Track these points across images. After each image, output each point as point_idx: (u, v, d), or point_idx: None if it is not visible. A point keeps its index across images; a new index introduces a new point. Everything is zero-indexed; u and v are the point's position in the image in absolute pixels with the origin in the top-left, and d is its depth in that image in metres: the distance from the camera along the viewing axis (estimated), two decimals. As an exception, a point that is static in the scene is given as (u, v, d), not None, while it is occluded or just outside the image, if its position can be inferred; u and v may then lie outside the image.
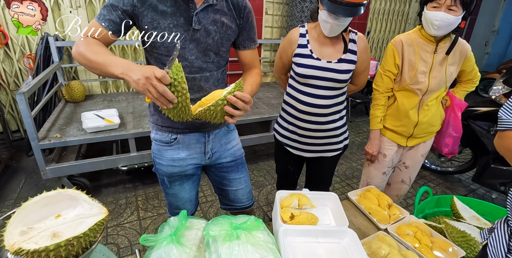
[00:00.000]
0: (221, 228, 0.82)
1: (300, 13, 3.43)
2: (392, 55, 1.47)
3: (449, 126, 1.60)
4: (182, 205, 1.25)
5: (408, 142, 1.60)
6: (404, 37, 1.46)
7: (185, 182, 1.20)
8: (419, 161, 1.68)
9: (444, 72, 1.42)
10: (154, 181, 2.55)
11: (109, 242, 1.88)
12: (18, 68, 2.86)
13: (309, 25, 1.39)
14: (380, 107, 1.56)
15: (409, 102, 1.49)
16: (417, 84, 1.44)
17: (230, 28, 1.02)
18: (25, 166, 2.69)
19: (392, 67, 1.48)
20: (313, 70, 1.33)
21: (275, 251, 0.81)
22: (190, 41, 0.97)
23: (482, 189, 2.68)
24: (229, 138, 1.22)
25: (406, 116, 1.51)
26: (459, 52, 1.41)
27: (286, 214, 0.97)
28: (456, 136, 1.62)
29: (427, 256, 1.00)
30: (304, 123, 1.43)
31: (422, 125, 1.52)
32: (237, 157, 1.24)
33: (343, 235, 0.94)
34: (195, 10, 0.94)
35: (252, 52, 1.15)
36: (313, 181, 1.68)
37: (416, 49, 1.42)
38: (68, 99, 2.76)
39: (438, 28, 1.29)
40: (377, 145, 1.61)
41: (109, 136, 2.12)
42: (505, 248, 0.66)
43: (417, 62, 1.42)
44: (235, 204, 1.32)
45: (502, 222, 0.71)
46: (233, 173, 1.25)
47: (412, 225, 1.16)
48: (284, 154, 1.58)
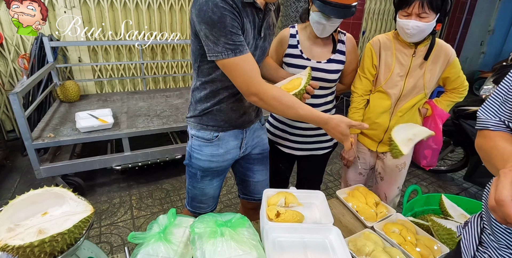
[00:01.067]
0: (206, 225, 0.84)
1: (295, 13, 3.45)
2: (370, 55, 1.42)
3: (429, 137, 1.47)
4: (206, 200, 1.29)
5: (379, 147, 1.52)
6: (382, 37, 1.41)
7: (215, 178, 1.24)
8: (394, 175, 1.55)
9: (422, 77, 1.35)
10: (148, 180, 2.56)
11: (102, 240, 1.89)
12: (13, 68, 2.87)
13: (299, 26, 1.41)
14: (358, 110, 1.50)
15: (381, 105, 1.43)
16: (392, 88, 1.39)
17: (275, 26, 1.08)
18: (19, 166, 2.69)
19: (370, 67, 1.43)
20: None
21: (259, 248, 0.83)
22: (255, 49, 1.02)
23: (474, 188, 2.70)
24: (260, 131, 1.29)
25: (376, 120, 1.45)
26: (442, 57, 1.33)
27: (272, 212, 0.99)
28: (436, 148, 1.53)
29: (411, 253, 1.02)
30: (295, 121, 1.46)
31: None
32: (265, 150, 1.33)
33: (328, 232, 0.96)
34: (261, 20, 0.98)
35: None
36: (304, 179, 1.70)
37: (393, 51, 1.37)
38: (63, 99, 2.77)
39: (411, 35, 1.25)
40: (353, 151, 1.57)
41: (102, 135, 2.13)
42: (476, 241, 0.69)
43: (394, 64, 1.37)
44: (254, 195, 1.39)
45: (476, 216, 0.73)
46: (258, 165, 1.32)
47: (398, 223, 1.18)
48: (275, 153, 1.60)
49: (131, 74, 3.43)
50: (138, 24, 3.23)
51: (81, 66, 3.11)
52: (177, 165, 2.76)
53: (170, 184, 2.53)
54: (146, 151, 2.29)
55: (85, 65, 3.10)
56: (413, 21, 1.21)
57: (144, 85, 3.42)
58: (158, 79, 3.63)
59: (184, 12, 3.41)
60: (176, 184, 2.53)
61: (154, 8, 3.22)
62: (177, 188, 2.49)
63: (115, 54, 3.24)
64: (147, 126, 2.29)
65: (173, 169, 2.72)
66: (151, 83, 3.60)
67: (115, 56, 3.24)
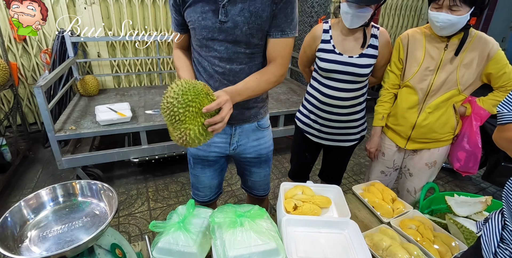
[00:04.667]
0: (226, 215, 0.86)
1: (310, 8, 3.42)
2: (397, 49, 1.41)
3: (464, 137, 1.41)
4: (202, 189, 1.33)
5: (408, 144, 1.47)
6: (412, 31, 1.38)
7: (206, 167, 1.27)
8: (423, 171, 1.51)
9: (455, 72, 1.27)
10: (164, 173, 2.62)
11: (120, 230, 1.96)
12: (36, 63, 2.97)
13: (332, 21, 1.44)
14: (383, 103, 1.50)
15: (408, 100, 1.39)
16: (419, 82, 1.34)
17: (261, 17, 0.95)
18: (41, 157, 2.80)
19: (397, 61, 1.42)
20: (335, 65, 1.39)
21: (277, 239, 0.84)
22: (218, 33, 0.98)
23: (492, 188, 2.64)
24: (258, 135, 1.23)
25: (403, 115, 1.42)
26: (479, 51, 1.24)
27: (290, 205, 1.00)
28: (470, 150, 1.39)
29: (429, 249, 1.01)
30: (325, 113, 1.51)
31: (420, 128, 1.40)
32: (262, 155, 1.26)
33: (345, 226, 0.97)
34: (222, 2, 0.93)
35: (276, 42, 1.01)
36: (328, 169, 1.75)
37: (424, 43, 1.33)
38: (83, 93, 2.84)
39: (441, 28, 1.22)
40: (375, 142, 1.56)
41: (121, 129, 2.18)
42: (497, 237, 0.68)
43: (423, 58, 1.33)
44: (252, 191, 1.43)
45: (497, 213, 0.72)
46: (255, 168, 1.31)
47: (415, 220, 1.18)
48: (303, 141, 1.65)
49: (147, 69, 3.48)
50: (155, 19, 3.28)
51: (100, 61, 3.19)
52: (191, 159, 2.80)
53: (185, 178, 2.58)
54: (163, 145, 2.34)
55: (104, 60, 3.17)
56: (444, 14, 1.17)
57: (161, 79, 3.47)
58: (174, 74, 3.68)
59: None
60: (191, 178, 2.58)
61: (171, 3, 3.26)
62: (191, 181, 2.53)
63: (132, 49, 3.30)
64: (164, 120, 2.33)
65: (188, 163, 2.77)
66: (167, 78, 3.65)
67: (132, 51, 3.30)
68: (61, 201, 0.82)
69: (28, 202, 0.77)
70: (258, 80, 1.00)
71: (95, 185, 0.83)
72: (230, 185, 2.51)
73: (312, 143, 1.63)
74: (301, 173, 1.77)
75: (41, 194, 0.79)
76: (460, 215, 1.32)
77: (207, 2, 0.95)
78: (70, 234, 0.72)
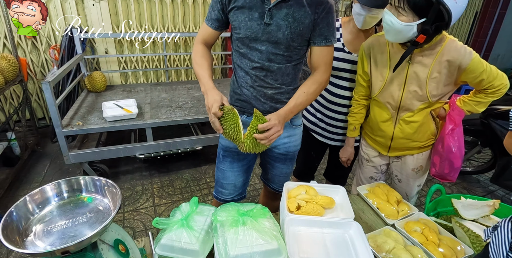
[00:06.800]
0: (228, 214, 0.86)
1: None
2: (361, 59, 1.29)
3: (439, 142, 1.30)
4: (226, 185, 1.35)
5: (390, 152, 1.40)
6: (376, 39, 1.23)
7: (235, 162, 1.29)
8: (411, 176, 1.43)
9: (425, 87, 1.15)
10: (169, 170, 2.63)
11: (125, 226, 1.98)
12: (44, 58, 3.00)
13: (343, 19, 1.43)
14: (354, 114, 1.40)
15: (380, 115, 1.31)
16: (388, 98, 1.24)
17: (303, 24, 1.03)
18: (49, 152, 2.84)
19: (362, 74, 1.30)
20: (344, 63, 1.38)
21: (279, 239, 0.84)
22: (262, 34, 1.04)
23: (501, 191, 2.60)
24: (290, 132, 1.25)
25: (379, 128, 1.34)
26: (449, 62, 1.11)
27: (293, 204, 1.00)
28: (444, 155, 1.28)
29: (433, 252, 1.00)
30: (332, 112, 1.50)
31: (399, 139, 1.32)
32: (289, 152, 1.30)
33: (348, 227, 0.96)
34: (268, 5, 1.01)
35: (321, 50, 1.09)
36: (333, 169, 1.74)
37: (388, 56, 1.20)
38: (90, 89, 2.87)
39: (386, 31, 1.07)
40: (348, 152, 1.50)
41: (127, 125, 2.20)
42: (507, 246, 0.66)
43: (388, 72, 1.21)
44: (270, 184, 1.45)
45: (506, 221, 0.71)
46: (279, 163, 1.33)
47: (420, 222, 1.16)
48: (308, 139, 1.64)
49: (154, 66, 3.50)
50: (162, 16, 3.28)
51: (107, 58, 3.21)
52: (197, 156, 2.82)
53: (190, 175, 2.59)
54: (168, 141, 2.35)
55: (111, 56, 3.20)
56: (390, 13, 1.02)
57: (167, 77, 3.49)
58: (180, 71, 3.69)
59: (207, 5, 3.42)
60: (196, 175, 2.59)
61: (178, 1, 3.26)
62: (197, 178, 2.54)
63: (140, 46, 3.32)
64: (169, 117, 2.34)
65: (194, 159, 2.78)
66: (174, 75, 3.66)
67: (139, 48, 3.31)
68: (66, 197, 0.83)
69: (34, 197, 0.78)
70: (306, 94, 1.10)
71: (99, 181, 0.84)
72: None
73: (317, 142, 1.62)
74: (307, 172, 1.77)
75: (46, 189, 0.80)
76: (467, 218, 1.29)
77: (254, 6, 1.03)
78: (74, 229, 0.73)
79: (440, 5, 0.94)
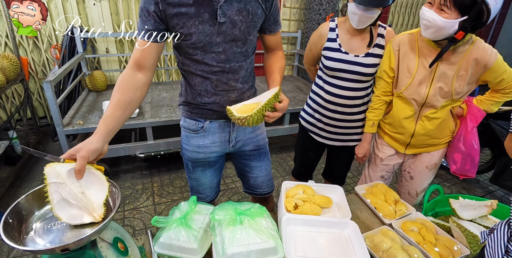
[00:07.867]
0: (226, 213, 0.87)
1: (318, 6, 3.38)
2: (388, 56, 1.32)
3: (460, 139, 1.36)
4: (202, 191, 1.33)
5: (407, 150, 1.44)
6: (405, 36, 1.27)
7: (207, 169, 1.27)
8: (423, 173, 1.48)
9: (451, 84, 1.20)
10: (169, 169, 2.64)
11: (125, 224, 1.99)
12: (46, 58, 3.01)
13: (339, 19, 1.43)
14: (374, 110, 1.43)
15: (403, 111, 1.34)
16: (413, 94, 1.28)
17: (256, 15, 1.00)
18: (50, 150, 2.86)
19: (387, 69, 1.33)
20: (341, 64, 1.38)
21: (276, 238, 0.85)
22: (216, 35, 0.96)
23: (500, 191, 2.60)
24: (254, 127, 1.25)
25: (401, 125, 1.37)
26: (476, 61, 1.17)
27: (290, 204, 1.00)
28: (466, 152, 1.35)
29: (429, 252, 1.01)
30: (330, 112, 1.50)
31: (419, 136, 1.37)
32: (260, 146, 1.28)
33: (345, 226, 0.97)
34: (218, 3, 0.92)
35: (278, 35, 1.15)
36: (332, 169, 1.75)
37: (417, 52, 1.24)
38: (91, 88, 2.88)
39: (425, 28, 1.12)
40: (365, 148, 1.52)
41: (128, 124, 2.21)
42: (502, 249, 0.67)
43: (416, 69, 1.25)
44: (255, 190, 1.39)
45: (503, 224, 0.71)
46: (255, 161, 1.30)
47: (417, 222, 1.17)
48: (307, 140, 1.65)
49: (155, 66, 3.50)
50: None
51: (108, 57, 3.22)
52: (196, 156, 2.82)
53: (189, 174, 2.60)
54: (168, 140, 2.36)
55: (112, 56, 3.21)
56: (432, 11, 1.07)
57: (167, 76, 3.50)
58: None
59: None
60: (196, 174, 2.60)
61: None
62: (196, 177, 2.55)
63: (118, 45, 3.31)
64: (170, 116, 2.35)
65: (193, 159, 2.79)
66: (174, 74, 3.67)
67: (118, 48, 3.32)
68: (66, 195, 0.83)
69: (35, 195, 0.79)
70: (282, 67, 1.15)
71: (99, 180, 0.84)
72: (234, 182, 2.52)
73: (316, 142, 1.63)
74: (305, 172, 1.78)
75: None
76: (464, 218, 1.30)
77: (201, 5, 0.91)
78: (73, 227, 0.74)
79: (483, 4, 0.99)
